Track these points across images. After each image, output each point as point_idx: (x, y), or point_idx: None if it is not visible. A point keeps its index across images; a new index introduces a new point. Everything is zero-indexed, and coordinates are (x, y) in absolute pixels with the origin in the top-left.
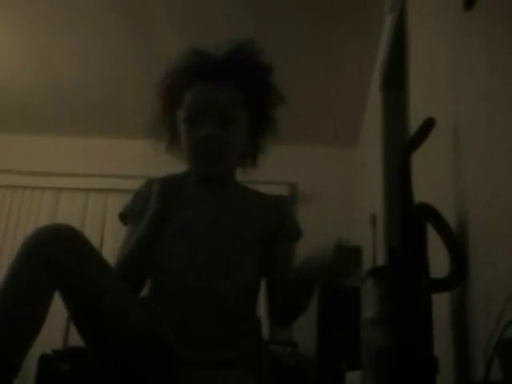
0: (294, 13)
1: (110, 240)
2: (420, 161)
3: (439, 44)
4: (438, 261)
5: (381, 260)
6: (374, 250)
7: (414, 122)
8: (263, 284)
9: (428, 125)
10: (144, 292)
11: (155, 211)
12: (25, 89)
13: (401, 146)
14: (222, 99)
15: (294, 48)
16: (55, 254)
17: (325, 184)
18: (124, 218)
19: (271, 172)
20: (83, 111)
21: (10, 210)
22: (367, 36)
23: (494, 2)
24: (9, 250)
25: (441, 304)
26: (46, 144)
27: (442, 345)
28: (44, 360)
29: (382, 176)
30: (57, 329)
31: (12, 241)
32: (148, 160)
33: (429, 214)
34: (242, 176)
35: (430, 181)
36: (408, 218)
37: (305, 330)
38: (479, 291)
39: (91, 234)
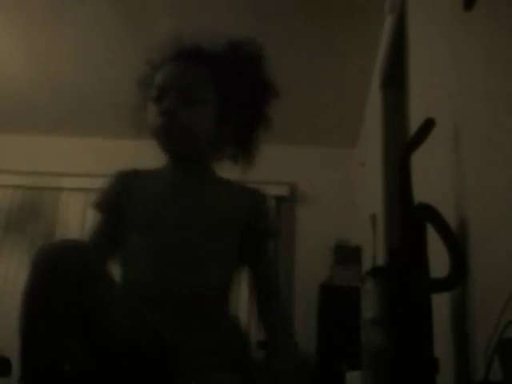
0: (294, 13)
1: None
2: (420, 161)
3: (439, 44)
4: (438, 261)
5: (381, 260)
6: (374, 250)
7: (414, 122)
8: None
9: (428, 125)
10: None
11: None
12: (25, 89)
13: (401, 146)
14: (186, 76)
15: (294, 48)
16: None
17: (325, 184)
18: (98, 207)
19: (271, 172)
20: (83, 111)
21: (9, 210)
22: (367, 36)
23: (494, 2)
24: (9, 250)
25: (441, 304)
26: (46, 144)
27: (442, 345)
28: None
29: (381, 176)
30: None
31: (12, 241)
32: (150, 160)
33: (429, 214)
34: (241, 176)
35: (430, 181)
36: (408, 217)
37: (305, 330)
38: (479, 291)
39: None
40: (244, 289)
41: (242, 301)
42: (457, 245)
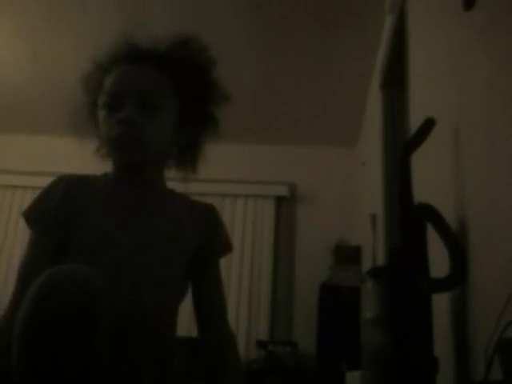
0: (294, 13)
1: None
2: (420, 161)
3: (439, 44)
4: (438, 261)
5: (381, 260)
6: (374, 250)
7: (414, 122)
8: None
9: (428, 125)
10: None
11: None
12: (25, 89)
13: (401, 146)
14: (142, 80)
15: (294, 48)
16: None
17: (325, 184)
18: (29, 219)
19: (271, 172)
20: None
21: (10, 210)
22: (367, 36)
23: (494, 2)
24: (9, 250)
25: (441, 304)
26: (46, 144)
27: (442, 345)
28: None
29: (381, 176)
30: None
31: (12, 241)
32: None
33: (429, 214)
34: (238, 176)
35: (430, 181)
36: (408, 217)
37: (305, 330)
38: (479, 291)
39: None
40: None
41: (242, 300)
42: (457, 245)
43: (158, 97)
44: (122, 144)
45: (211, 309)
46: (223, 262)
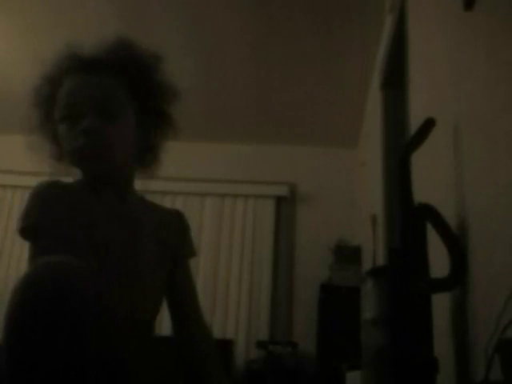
0: (294, 13)
1: None
2: (420, 161)
3: (439, 44)
4: (438, 261)
5: (381, 260)
6: (374, 250)
7: (414, 122)
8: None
9: (428, 125)
10: None
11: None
12: (25, 89)
13: (401, 146)
14: (97, 89)
15: (293, 48)
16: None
17: (325, 184)
18: (29, 232)
19: (271, 172)
20: None
21: (10, 210)
22: (367, 36)
23: (494, 2)
24: (9, 250)
25: (441, 304)
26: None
27: (442, 345)
28: None
29: (381, 176)
30: None
31: (12, 241)
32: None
33: (429, 213)
34: (238, 176)
35: (430, 181)
36: (408, 217)
37: (305, 330)
38: (479, 291)
39: None
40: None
41: (242, 299)
42: (457, 245)
43: (114, 103)
44: (87, 154)
45: (184, 304)
46: (223, 262)
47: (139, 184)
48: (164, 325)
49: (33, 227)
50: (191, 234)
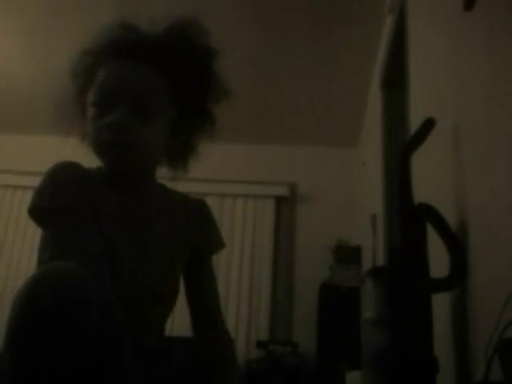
0: (294, 13)
1: None
2: (420, 161)
3: (439, 44)
4: (438, 261)
5: (381, 260)
6: (373, 250)
7: (414, 122)
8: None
9: (428, 125)
10: None
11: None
12: (25, 89)
13: (401, 146)
14: (139, 82)
15: (293, 48)
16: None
17: (325, 184)
18: (39, 213)
19: (271, 172)
20: None
21: (10, 210)
22: (367, 36)
23: (494, 2)
24: (9, 250)
25: (441, 304)
26: (46, 144)
27: (442, 345)
28: None
29: (381, 176)
30: None
31: (12, 241)
32: None
33: (429, 214)
34: (239, 176)
35: (430, 181)
36: (408, 217)
37: (305, 330)
38: (479, 291)
39: None
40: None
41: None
42: (457, 245)
43: (154, 101)
44: (110, 151)
45: (207, 307)
46: (223, 262)
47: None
48: (176, 325)
49: (43, 210)
50: (216, 226)
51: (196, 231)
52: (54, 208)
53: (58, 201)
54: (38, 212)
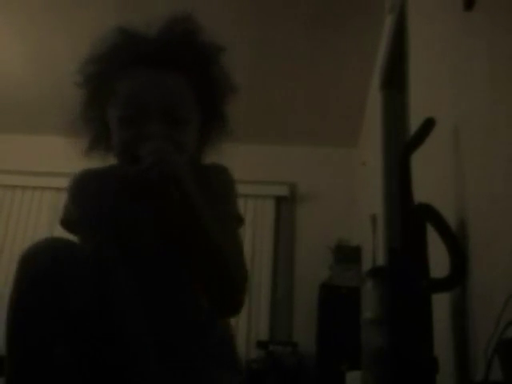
0: (294, 13)
1: None
2: (420, 161)
3: (439, 44)
4: (438, 261)
5: (381, 260)
6: (373, 250)
7: (414, 122)
8: None
9: (428, 125)
10: None
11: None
12: (25, 89)
13: (401, 146)
14: (166, 92)
15: (294, 48)
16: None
17: (325, 184)
18: (64, 225)
19: (271, 172)
20: None
21: (10, 210)
22: (367, 36)
23: (494, 2)
24: (9, 250)
25: (441, 304)
26: (46, 144)
27: (442, 345)
28: None
29: (381, 176)
30: None
31: (12, 241)
32: None
33: (429, 214)
34: (238, 176)
35: (430, 181)
36: (408, 217)
37: (305, 330)
38: (479, 291)
39: None
40: None
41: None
42: (457, 245)
43: (185, 109)
44: (154, 170)
45: None
46: None
47: None
48: None
49: (65, 221)
50: (234, 190)
51: (212, 202)
52: (71, 220)
53: (72, 213)
54: (63, 224)
